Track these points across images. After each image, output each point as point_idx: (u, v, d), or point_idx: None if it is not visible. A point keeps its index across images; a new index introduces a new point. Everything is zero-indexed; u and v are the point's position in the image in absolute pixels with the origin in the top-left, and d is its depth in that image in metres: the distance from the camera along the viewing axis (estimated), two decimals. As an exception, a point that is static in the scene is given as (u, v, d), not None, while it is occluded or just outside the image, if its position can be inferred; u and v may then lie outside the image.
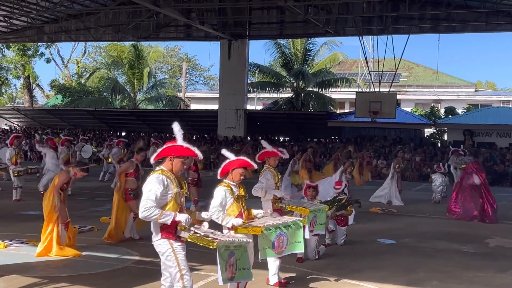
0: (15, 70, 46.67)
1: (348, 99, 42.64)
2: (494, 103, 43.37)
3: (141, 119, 36.29)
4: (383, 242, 10.64)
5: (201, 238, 5.18)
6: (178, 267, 5.22)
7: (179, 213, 5.23)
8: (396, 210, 14.98)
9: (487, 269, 8.63)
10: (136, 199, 9.55)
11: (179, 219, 5.19)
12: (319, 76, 36.64)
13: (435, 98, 43.67)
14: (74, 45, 51.07)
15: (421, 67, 50.92)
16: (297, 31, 30.28)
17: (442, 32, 27.31)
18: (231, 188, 6.09)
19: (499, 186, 23.61)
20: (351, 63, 49.20)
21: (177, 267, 5.22)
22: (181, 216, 5.21)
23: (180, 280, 5.22)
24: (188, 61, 55.94)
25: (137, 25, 29.83)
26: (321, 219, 7.46)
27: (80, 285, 7.04)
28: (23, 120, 40.38)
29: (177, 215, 5.19)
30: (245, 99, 31.11)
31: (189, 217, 5.25)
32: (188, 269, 5.30)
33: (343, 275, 7.89)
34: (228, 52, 30.20)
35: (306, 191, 9.08)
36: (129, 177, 9.84)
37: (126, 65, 41.55)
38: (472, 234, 11.78)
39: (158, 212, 5.13)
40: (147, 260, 8.30)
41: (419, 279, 7.92)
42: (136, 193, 9.65)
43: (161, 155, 5.43)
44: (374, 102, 26.72)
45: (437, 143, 31.63)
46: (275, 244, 6.00)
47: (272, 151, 7.80)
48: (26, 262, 8.13)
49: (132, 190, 9.80)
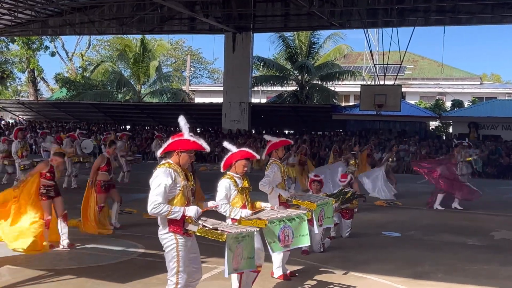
0: (19, 63, 46.72)
1: (353, 92, 42.51)
2: (500, 96, 43.21)
3: (146, 113, 36.30)
4: (388, 235, 10.64)
5: (210, 232, 5.16)
6: (177, 264, 5.23)
7: (188, 208, 5.19)
8: (401, 203, 14.96)
9: (492, 262, 8.62)
10: (108, 191, 10.15)
11: (189, 214, 5.15)
12: (324, 69, 36.55)
13: (440, 90, 43.51)
14: (79, 39, 51.18)
15: (426, 60, 50.71)
16: (301, 24, 30.14)
17: (448, 25, 27.15)
18: (235, 180, 6.09)
19: (504, 179, 23.57)
20: (355, 56, 49.04)
21: (176, 263, 5.23)
22: (191, 211, 5.16)
23: (175, 275, 5.24)
24: (192, 54, 55.90)
25: (141, 18, 29.77)
26: (328, 212, 7.40)
27: (85, 277, 7.07)
28: (28, 113, 40.45)
29: (187, 210, 5.16)
30: (249, 92, 31.06)
31: (198, 209, 5.22)
32: (185, 268, 5.28)
33: (349, 268, 7.89)
34: (233, 45, 30.12)
35: (311, 184, 9.09)
36: (101, 171, 10.08)
37: (132, 58, 41.56)
38: (477, 227, 11.77)
39: (167, 209, 5.10)
40: (152, 252, 8.33)
41: (424, 272, 7.92)
42: (107, 185, 10.13)
43: (168, 149, 5.38)
44: (379, 95, 26.61)
45: (442, 136, 31.57)
46: (280, 238, 5.98)
47: (281, 141, 7.71)
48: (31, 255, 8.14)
49: (105, 182, 10.08)
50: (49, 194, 8.69)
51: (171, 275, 5.28)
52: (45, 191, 8.66)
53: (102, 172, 10.06)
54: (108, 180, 10.14)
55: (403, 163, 26.16)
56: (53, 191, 8.76)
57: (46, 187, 8.68)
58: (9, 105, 41.67)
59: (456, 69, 48.86)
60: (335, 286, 7.03)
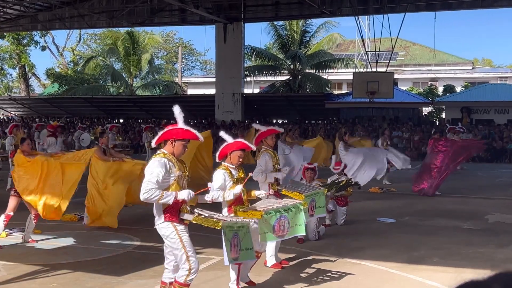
0: (10, 59, 46.40)
1: (346, 80, 42.44)
2: (492, 80, 43.26)
3: (138, 106, 36.20)
4: (383, 221, 10.67)
5: (206, 219, 5.17)
6: (184, 249, 5.19)
7: (180, 192, 5.17)
8: (395, 189, 15.00)
9: (487, 245, 8.66)
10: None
11: (181, 197, 5.14)
12: (316, 57, 36.48)
13: (432, 76, 43.56)
14: (69, 33, 50.90)
15: (418, 46, 50.71)
16: (292, 13, 30.05)
17: (438, 10, 27.14)
18: (230, 171, 6.07)
19: (497, 163, 23.70)
20: (347, 44, 48.97)
21: (183, 249, 5.19)
22: (182, 194, 5.14)
23: (187, 261, 5.20)
24: (183, 46, 55.67)
25: (131, 10, 29.59)
26: (320, 202, 7.37)
27: (81, 271, 7.05)
28: (20, 109, 40.24)
29: (178, 194, 5.14)
30: (242, 82, 31.00)
31: (191, 192, 5.19)
32: (193, 250, 5.27)
33: (344, 255, 7.92)
34: (224, 35, 30.01)
35: (304, 172, 9.09)
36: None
37: (122, 52, 41.35)
38: (471, 210, 11.82)
39: (158, 193, 5.08)
40: (148, 245, 8.33)
41: (420, 256, 7.95)
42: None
43: (162, 138, 5.37)
44: (371, 82, 26.60)
45: (435, 122, 31.63)
46: (276, 228, 5.97)
47: (268, 129, 7.67)
48: (27, 250, 8.14)
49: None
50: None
51: (182, 262, 5.22)
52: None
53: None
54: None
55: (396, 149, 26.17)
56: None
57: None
58: (1, 102, 41.43)
59: (448, 54, 48.89)
60: (331, 273, 7.04)
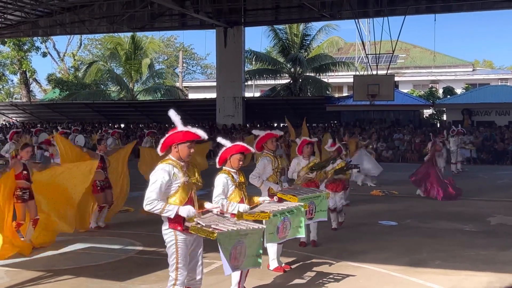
0: (11, 65, 46.53)
1: (346, 83, 42.46)
2: (492, 82, 43.22)
3: (140, 110, 36.22)
4: (385, 224, 10.66)
5: (201, 229, 5.08)
6: (176, 260, 5.23)
7: (182, 207, 5.12)
8: (397, 192, 15.00)
9: (489, 247, 8.65)
10: (103, 191, 9.99)
11: (182, 213, 5.09)
12: (317, 61, 36.51)
13: (433, 78, 43.55)
14: (70, 39, 51.00)
15: (418, 48, 50.73)
16: (292, 16, 30.08)
17: (438, 12, 27.15)
18: (232, 175, 6.05)
19: (499, 164, 23.68)
20: (348, 47, 48.99)
21: (175, 260, 5.23)
22: (183, 210, 5.09)
23: (175, 271, 5.24)
24: (184, 50, 55.74)
25: (132, 15, 29.68)
26: (322, 205, 7.27)
27: (84, 277, 7.06)
28: (22, 115, 40.29)
29: (180, 209, 5.09)
30: (242, 86, 31.04)
31: (191, 209, 5.13)
32: (185, 264, 5.27)
33: (345, 258, 7.92)
34: (224, 40, 30.07)
35: (302, 148, 8.44)
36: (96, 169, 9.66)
37: (123, 56, 41.42)
38: (473, 212, 11.82)
39: (161, 206, 5.06)
40: (150, 250, 8.33)
41: (421, 259, 7.94)
42: (103, 184, 9.99)
43: (164, 145, 5.33)
44: (372, 85, 26.61)
45: (436, 124, 31.62)
46: (279, 230, 5.97)
47: (266, 134, 7.57)
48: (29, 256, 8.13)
49: (100, 181, 9.91)
50: (23, 197, 8.36)
51: (171, 271, 5.28)
52: (21, 194, 8.33)
53: (96, 170, 9.61)
54: (103, 179, 9.98)
55: (398, 152, 26.24)
56: (28, 193, 8.40)
57: (22, 189, 8.33)
58: (3, 108, 41.49)
59: (448, 56, 48.89)
60: (333, 276, 7.04)
